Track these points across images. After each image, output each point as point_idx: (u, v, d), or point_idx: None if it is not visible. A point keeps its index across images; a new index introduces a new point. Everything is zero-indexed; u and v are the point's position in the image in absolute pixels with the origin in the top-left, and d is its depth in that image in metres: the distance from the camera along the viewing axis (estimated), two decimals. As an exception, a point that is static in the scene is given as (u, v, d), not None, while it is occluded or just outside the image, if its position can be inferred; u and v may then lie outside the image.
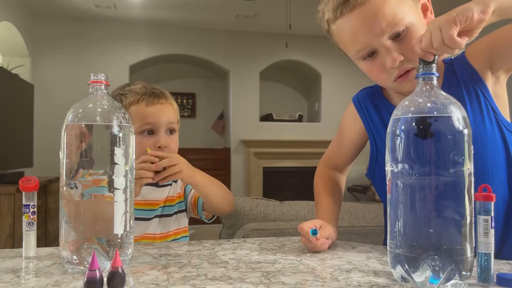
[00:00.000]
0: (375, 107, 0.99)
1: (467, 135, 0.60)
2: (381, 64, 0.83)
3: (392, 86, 0.86)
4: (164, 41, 5.72)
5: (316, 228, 0.85)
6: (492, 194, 0.63)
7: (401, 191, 0.63)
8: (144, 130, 1.10)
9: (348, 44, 0.85)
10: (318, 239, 0.84)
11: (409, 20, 0.80)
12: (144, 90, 1.13)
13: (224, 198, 1.15)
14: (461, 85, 0.85)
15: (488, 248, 0.63)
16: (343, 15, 0.82)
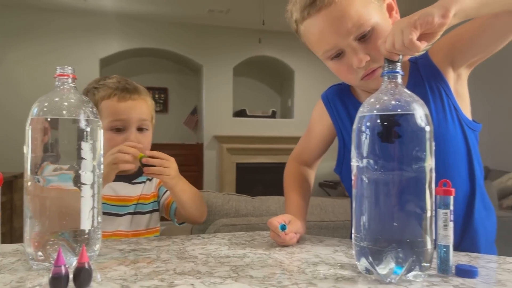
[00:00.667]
0: (343, 104, 1.01)
1: (428, 132, 0.63)
2: (348, 64, 0.85)
3: (359, 84, 0.89)
4: (136, 35, 5.63)
5: (285, 223, 0.87)
6: (452, 188, 0.66)
7: (366, 186, 0.65)
8: (115, 126, 1.09)
9: (316, 44, 0.87)
10: (287, 233, 0.85)
11: (374, 21, 0.82)
12: (117, 85, 1.11)
13: (198, 210, 1.13)
14: (425, 83, 0.88)
15: (447, 240, 0.65)
16: (310, 16, 0.83)
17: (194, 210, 1.12)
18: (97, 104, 1.09)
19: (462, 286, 0.60)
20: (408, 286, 0.60)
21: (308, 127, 1.12)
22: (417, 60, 0.91)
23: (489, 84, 4.31)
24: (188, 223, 1.21)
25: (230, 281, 0.62)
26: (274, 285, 0.60)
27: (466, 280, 0.62)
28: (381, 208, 0.64)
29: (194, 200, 1.11)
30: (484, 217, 0.90)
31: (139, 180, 1.18)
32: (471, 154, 0.87)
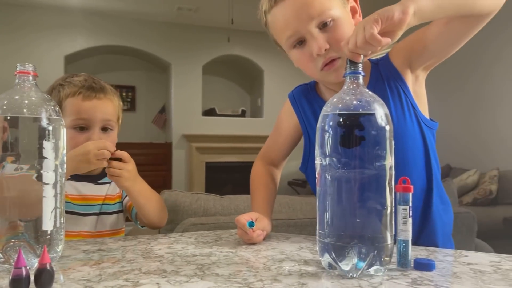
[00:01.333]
0: (309, 103, 1.03)
1: (388, 131, 0.65)
2: (309, 53, 0.87)
3: (319, 76, 0.91)
4: (103, 32, 5.51)
5: (253, 220, 0.88)
6: (411, 185, 0.68)
7: (329, 184, 0.66)
8: (77, 125, 1.06)
9: (280, 31, 0.90)
10: (254, 231, 0.86)
11: (336, 13, 0.86)
12: (83, 83, 1.09)
13: (156, 214, 1.10)
14: (385, 83, 0.91)
15: (406, 235, 0.68)
16: (277, 4, 0.88)
17: (153, 214, 1.08)
18: (61, 102, 1.07)
19: (420, 279, 0.62)
20: (369, 280, 0.62)
21: (275, 126, 1.13)
22: (378, 61, 0.95)
23: (450, 85, 4.47)
24: (147, 228, 1.17)
25: (196, 279, 0.62)
26: (239, 283, 0.60)
27: (424, 273, 0.65)
28: (343, 205, 0.65)
29: (153, 204, 1.08)
30: (442, 211, 0.94)
31: (104, 180, 1.16)
32: (429, 151, 0.91)
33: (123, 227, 1.17)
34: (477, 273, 0.65)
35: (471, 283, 0.60)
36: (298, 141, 1.11)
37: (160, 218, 1.11)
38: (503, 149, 3.88)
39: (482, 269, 0.67)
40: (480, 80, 4.16)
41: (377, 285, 0.60)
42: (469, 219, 2.06)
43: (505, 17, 3.89)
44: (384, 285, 0.60)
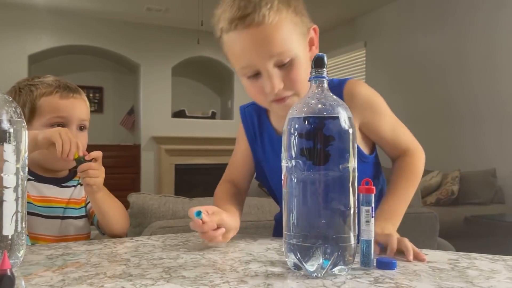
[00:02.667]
0: (259, 125, 1.04)
1: (351, 134, 0.67)
2: (261, 87, 0.86)
3: (269, 106, 0.92)
4: (69, 31, 5.38)
5: (205, 211, 0.82)
6: (373, 187, 0.70)
7: (294, 185, 0.67)
8: (55, 123, 1.05)
9: (236, 58, 0.87)
10: (204, 221, 0.80)
11: (295, 52, 0.84)
12: (57, 83, 1.09)
13: (119, 223, 1.07)
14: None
15: (369, 235, 0.70)
16: (237, 30, 0.82)
17: (115, 222, 1.06)
18: (35, 101, 1.06)
19: (381, 277, 0.64)
20: (333, 279, 0.63)
21: (235, 148, 1.12)
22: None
23: (415, 89, 4.61)
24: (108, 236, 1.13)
25: (162, 282, 0.62)
26: (205, 285, 0.61)
27: (386, 272, 0.67)
28: (308, 206, 0.67)
29: (116, 212, 1.06)
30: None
31: (69, 184, 1.14)
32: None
33: (89, 232, 1.15)
34: (436, 271, 0.67)
35: (429, 280, 0.63)
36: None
37: (122, 226, 1.09)
38: (464, 151, 4.03)
39: (440, 267, 0.70)
40: (444, 84, 4.31)
41: (341, 284, 0.61)
42: (431, 219, 2.13)
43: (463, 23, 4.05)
44: (348, 284, 0.61)
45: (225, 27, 0.84)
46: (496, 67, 3.79)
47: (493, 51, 3.82)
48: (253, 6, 0.81)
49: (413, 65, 4.68)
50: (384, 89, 5.02)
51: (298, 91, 0.87)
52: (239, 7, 0.81)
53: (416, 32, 4.60)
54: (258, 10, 0.81)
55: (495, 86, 3.79)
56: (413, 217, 2.11)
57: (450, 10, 4.26)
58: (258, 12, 0.80)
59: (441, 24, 4.32)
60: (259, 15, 0.80)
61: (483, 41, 3.91)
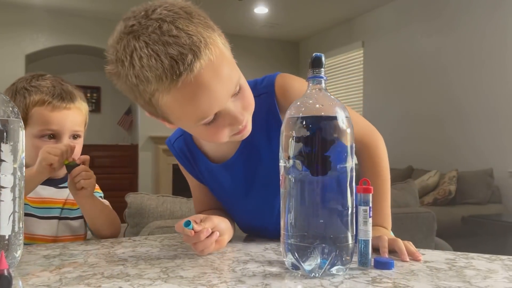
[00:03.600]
0: (191, 155, 0.96)
1: (349, 134, 0.67)
2: (222, 126, 0.75)
3: (227, 140, 0.79)
4: (67, 31, 5.37)
5: (193, 221, 0.75)
6: (371, 187, 0.71)
7: (292, 186, 0.67)
8: (45, 135, 1.04)
9: (189, 115, 0.73)
10: (196, 230, 0.73)
11: (239, 75, 0.76)
12: (52, 91, 1.04)
13: (108, 228, 1.06)
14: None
15: (366, 235, 0.70)
16: (177, 84, 0.67)
17: (104, 227, 1.05)
18: (28, 109, 1.04)
19: (379, 277, 0.64)
20: (331, 279, 0.63)
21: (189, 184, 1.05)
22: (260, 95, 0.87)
23: (412, 90, 4.62)
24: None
25: (160, 282, 0.62)
26: (203, 285, 0.61)
27: (383, 272, 0.67)
28: (306, 206, 0.67)
29: (105, 217, 1.05)
30: None
31: (66, 184, 1.13)
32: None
33: (85, 232, 1.14)
34: (433, 271, 0.68)
35: (427, 280, 0.63)
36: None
37: (112, 231, 1.07)
38: (462, 151, 4.04)
39: (438, 267, 0.70)
40: (442, 84, 4.32)
41: (339, 284, 0.61)
42: (429, 219, 2.14)
43: (462, 23, 4.06)
44: (345, 284, 0.61)
45: (161, 88, 0.68)
46: (494, 68, 3.80)
47: (491, 51, 3.83)
48: (189, 49, 0.66)
49: (410, 65, 4.69)
50: (382, 89, 5.04)
51: (252, 111, 0.80)
52: (171, 58, 0.65)
53: (414, 32, 4.61)
54: (197, 52, 0.67)
55: (493, 86, 3.80)
56: (411, 216, 2.12)
57: (448, 10, 4.27)
58: (199, 55, 0.67)
59: (438, 25, 4.33)
60: (203, 57, 0.67)
61: (480, 41, 3.92)
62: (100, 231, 1.06)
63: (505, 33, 3.71)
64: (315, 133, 0.66)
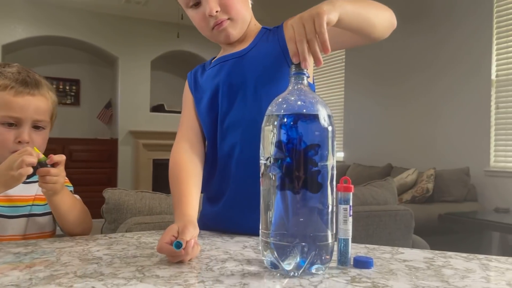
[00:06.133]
0: (202, 72, 1.06)
1: (331, 132, 0.66)
2: (202, 13, 0.95)
3: (211, 35, 0.98)
4: (46, 21, 5.24)
5: (178, 238, 0.71)
6: (351, 185, 0.70)
7: (272, 183, 0.66)
8: (6, 122, 0.99)
9: None
10: (185, 248, 0.69)
11: None
12: (16, 76, 1.00)
13: (79, 226, 1.02)
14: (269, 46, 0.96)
15: (346, 234, 0.69)
16: None
17: (74, 225, 1.01)
18: None
19: (358, 276, 0.64)
20: (310, 279, 0.63)
21: (182, 112, 1.09)
22: (272, 28, 1.01)
23: (390, 90, 4.67)
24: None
25: (135, 281, 0.60)
26: (180, 284, 0.59)
27: (363, 271, 0.67)
28: (286, 204, 0.66)
29: (75, 214, 1.01)
30: None
31: (33, 179, 1.07)
32: None
33: (53, 229, 1.09)
34: (412, 270, 0.68)
35: (406, 279, 0.63)
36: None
37: (83, 228, 1.04)
38: (439, 150, 4.11)
39: (416, 266, 0.70)
40: (421, 85, 4.37)
41: (318, 283, 0.61)
42: (407, 216, 2.17)
43: (441, 24, 4.12)
44: (324, 284, 0.61)
45: None
46: (471, 67, 3.86)
47: (468, 51, 3.89)
48: None
49: (391, 64, 4.74)
50: (363, 88, 5.08)
51: (233, 16, 0.95)
52: None
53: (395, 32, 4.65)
54: None
55: (470, 86, 3.86)
56: (389, 214, 2.14)
57: (428, 12, 4.32)
58: None
59: (419, 25, 4.38)
60: None
61: (459, 41, 3.98)
62: (70, 229, 1.02)
63: (483, 33, 3.77)
64: (296, 130, 0.65)
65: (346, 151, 5.33)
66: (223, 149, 0.96)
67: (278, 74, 0.91)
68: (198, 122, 1.04)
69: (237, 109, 0.94)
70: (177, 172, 0.95)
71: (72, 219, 1.01)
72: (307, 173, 0.65)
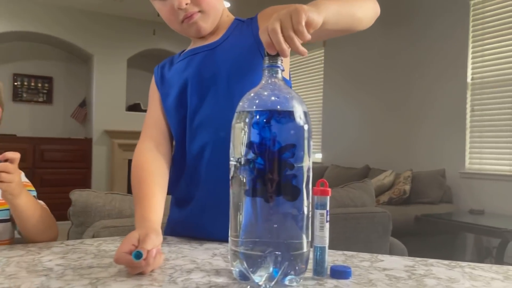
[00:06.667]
0: (170, 65, 0.99)
1: (307, 131, 0.61)
2: (171, 5, 0.87)
3: (181, 28, 0.91)
4: (18, 16, 5.06)
5: (138, 247, 0.64)
6: (329, 188, 0.65)
7: (243, 186, 0.61)
8: None
9: None
10: (145, 259, 0.62)
11: None
12: None
13: (41, 232, 0.93)
14: (242, 37, 0.90)
15: (323, 241, 0.64)
16: None
17: (36, 231, 0.92)
18: None
19: (335, 288, 0.59)
20: (282, 291, 0.57)
21: (148, 110, 1.00)
22: (245, 20, 0.95)
23: (368, 91, 4.68)
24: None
25: (86, 297, 0.53)
26: (137, 300, 0.53)
27: (340, 282, 0.62)
28: (258, 209, 0.60)
29: (36, 220, 0.91)
30: None
31: None
32: None
33: (11, 237, 0.99)
34: (392, 280, 0.63)
35: (386, 291, 0.58)
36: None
37: (48, 236, 0.94)
38: (416, 151, 4.13)
39: (397, 275, 0.65)
40: (399, 86, 4.39)
41: (291, 297, 0.55)
42: (384, 219, 2.14)
43: (418, 28, 4.15)
44: (298, 297, 0.55)
45: None
46: (448, 72, 3.89)
47: (446, 55, 3.92)
48: None
49: (369, 67, 4.75)
50: (341, 90, 5.08)
51: (204, 9, 0.89)
52: None
53: (375, 34, 4.66)
54: None
55: (447, 90, 3.89)
56: (367, 216, 2.11)
57: (408, 15, 4.34)
58: None
59: (398, 29, 4.40)
60: None
61: (437, 46, 4.01)
62: (32, 236, 0.93)
63: (459, 36, 3.81)
64: (270, 129, 0.59)
65: (324, 152, 5.31)
66: (193, 150, 0.89)
67: (253, 68, 0.85)
68: (165, 120, 0.95)
69: (207, 106, 0.87)
70: (139, 173, 0.87)
71: (36, 226, 0.92)
72: (281, 176, 0.59)
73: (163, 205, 0.84)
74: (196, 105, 0.88)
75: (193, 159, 0.89)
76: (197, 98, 0.88)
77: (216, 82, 0.87)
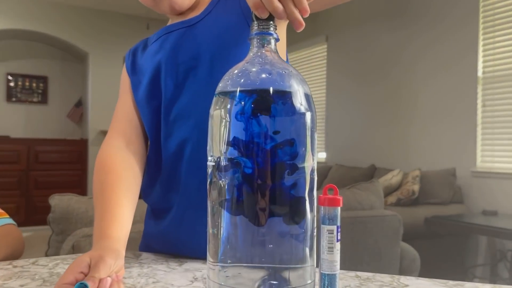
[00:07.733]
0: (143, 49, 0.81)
1: (310, 120, 0.45)
2: None
3: (153, 4, 0.77)
4: (11, 14, 4.92)
5: (89, 276, 0.49)
6: (339, 197, 0.49)
7: (225, 194, 0.45)
8: None
9: None
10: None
11: None
12: None
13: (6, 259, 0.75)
14: (228, 11, 0.73)
15: (332, 267, 0.48)
16: None
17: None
18: None
19: (350, 332, 0.43)
20: None
21: (118, 102, 0.84)
22: None
23: (373, 89, 4.51)
24: None
25: None
26: None
27: (356, 320, 0.46)
28: (246, 226, 0.44)
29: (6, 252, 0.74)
30: None
31: None
32: None
33: None
34: (426, 318, 0.47)
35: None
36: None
37: (13, 253, 0.76)
38: (424, 149, 3.96)
39: (430, 310, 0.49)
40: (406, 82, 4.23)
41: None
42: (394, 222, 1.98)
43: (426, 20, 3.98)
44: None
45: None
46: (457, 67, 3.73)
47: (454, 50, 3.75)
48: None
49: (375, 62, 4.58)
50: (345, 86, 4.92)
51: None
52: None
53: (379, 28, 4.50)
54: None
55: (458, 86, 3.73)
56: (376, 220, 1.94)
57: (412, 7, 4.18)
58: None
59: (402, 21, 4.23)
60: None
61: (445, 39, 3.84)
62: None
63: (469, 29, 3.64)
64: (260, 116, 0.44)
65: (329, 152, 5.14)
66: (170, 148, 0.73)
67: (241, 48, 0.68)
68: (138, 114, 0.79)
69: (186, 95, 0.71)
70: (103, 177, 0.70)
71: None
72: (275, 180, 0.44)
73: (131, 217, 0.68)
74: (172, 94, 0.72)
75: (170, 160, 0.73)
76: (173, 86, 0.71)
77: (196, 65, 0.70)
